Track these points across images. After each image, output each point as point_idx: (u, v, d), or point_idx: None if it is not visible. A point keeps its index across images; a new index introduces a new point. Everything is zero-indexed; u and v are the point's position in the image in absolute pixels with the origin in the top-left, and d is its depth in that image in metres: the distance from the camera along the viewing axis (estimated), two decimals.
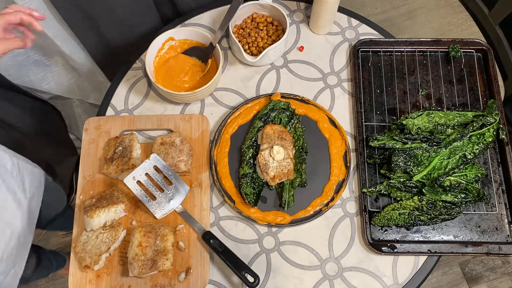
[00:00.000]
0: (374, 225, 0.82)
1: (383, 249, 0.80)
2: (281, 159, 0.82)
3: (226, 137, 0.88)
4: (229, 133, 0.89)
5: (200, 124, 0.89)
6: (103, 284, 0.78)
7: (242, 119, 0.90)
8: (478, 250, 0.80)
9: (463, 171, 0.83)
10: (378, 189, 0.83)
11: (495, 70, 0.94)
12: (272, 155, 0.82)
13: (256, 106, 0.91)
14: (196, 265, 0.79)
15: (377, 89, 0.93)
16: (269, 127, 0.86)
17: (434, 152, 0.83)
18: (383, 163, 0.86)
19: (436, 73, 0.95)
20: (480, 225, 0.82)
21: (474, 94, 0.93)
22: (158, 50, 0.91)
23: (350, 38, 1.00)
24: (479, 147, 0.84)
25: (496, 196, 0.85)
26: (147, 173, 0.81)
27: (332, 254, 0.81)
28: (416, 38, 0.96)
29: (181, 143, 0.84)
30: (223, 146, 0.87)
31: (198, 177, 0.85)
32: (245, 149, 0.86)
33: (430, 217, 0.80)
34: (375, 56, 0.96)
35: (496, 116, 0.85)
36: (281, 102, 0.89)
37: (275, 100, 0.89)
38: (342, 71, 0.96)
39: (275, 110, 0.89)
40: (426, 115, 0.87)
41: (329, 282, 0.79)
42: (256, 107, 0.91)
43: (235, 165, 0.87)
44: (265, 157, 0.83)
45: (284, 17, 0.92)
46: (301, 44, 0.99)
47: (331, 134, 0.89)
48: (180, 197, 0.82)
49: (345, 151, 0.88)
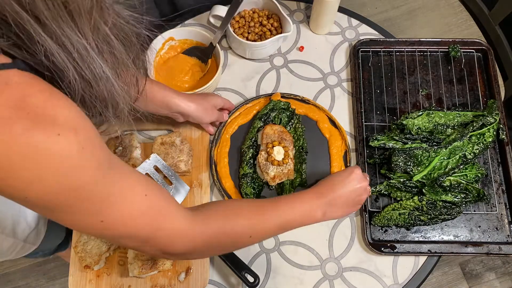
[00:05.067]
0: (374, 225, 0.82)
1: (383, 249, 0.80)
2: (281, 159, 0.82)
3: (226, 137, 0.88)
4: (229, 133, 0.88)
5: None
6: (103, 284, 0.78)
7: (242, 119, 0.90)
8: (478, 250, 0.80)
9: (463, 171, 0.83)
10: (378, 189, 0.83)
11: (495, 70, 0.94)
12: (273, 155, 0.82)
13: (256, 106, 0.91)
14: (196, 265, 0.78)
15: (377, 89, 0.93)
16: (269, 127, 0.85)
17: (434, 152, 0.83)
18: (383, 163, 0.86)
19: (436, 73, 0.95)
20: (480, 225, 0.82)
21: (474, 94, 0.93)
22: (158, 50, 0.91)
23: (350, 38, 1.00)
24: (479, 147, 0.84)
25: (496, 196, 0.85)
26: (147, 173, 0.81)
27: (332, 254, 0.81)
28: (416, 38, 0.96)
29: (181, 143, 0.84)
30: (223, 146, 0.87)
31: (198, 177, 0.85)
32: (245, 149, 0.86)
33: (430, 217, 0.80)
34: (375, 56, 0.96)
35: (496, 116, 0.85)
36: (281, 102, 0.89)
37: (275, 100, 0.89)
38: (342, 71, 0.96)
39: (275, 110, 0.89)
40: (426, 115, 0.87)
41: (329, 282, 0.79)
42: (256, 107, 0.91)
43: (235, 165, 0.87)
44: (265, 157, 0.83)
45: (284, 16, 0.92)
46: (301, 44, 0.99)
47: (331, 134, 0.89)
48: (180, 197, 0.82)
49: (345, 151, 0.88)
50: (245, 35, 0.95)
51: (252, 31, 0.94)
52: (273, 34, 0.94)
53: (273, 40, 0.90)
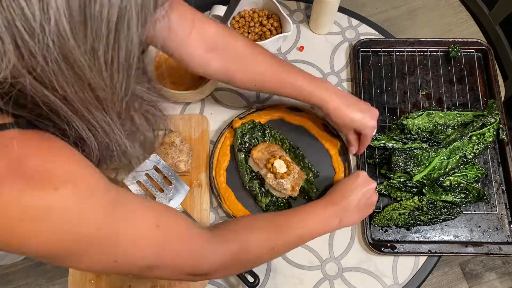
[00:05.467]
0: (374, 225, 0.82)
1: (383, 249, 0.80)
2: (286, 169, 0.81)
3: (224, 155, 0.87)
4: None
5: (200, 124, 0.89)
6: (103, 284, 0.78)
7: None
8: (478, 250, 0.80)
9: (463, 171, 0.82)
10: (378, 189, 0.83)
11: (495, 70, 0.94)
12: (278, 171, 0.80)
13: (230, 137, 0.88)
14: None
15: (377, 89, 0.93)
16: (255, 152, 0.83)
17: (434, 152, 0.83)
18: (383, 163, 0.86)
19: (436, 73, 0.95)
20: (480, 225, 0.82)
21: (474, 94, 0.93)
22: (158, 49, 0.91)
23: (350, 38, 1.00)
24: (479, 147, 0.84)
25: (496, 196, 0.84)
26: (147, 173, 0.80)
27: (332, 254, 0.81)
28: (416, 38, 0.96)
29: (181, 143, 0.84)
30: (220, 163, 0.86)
31: (198, 177, 0.85)
32: (249, 185, 0.83)
33: (430, 217, 0.80)
34: (375, 56, 0.96)
35: (496, 116, 0.85)
36: (245, 124, 0.86)
37: (238, 126, 0.86)
38: (342, 71, 0.96)
39: (246, 134, 0.86)
40: (426, 115, 0.87)
41: (329, 282, 0.79)
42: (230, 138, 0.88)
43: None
44: (272, 177, 0.81)
45: (284, 16, 0.91)
46: (301, 44, 0.99)
47: (301, 122, 0.89)
48: (180, 197, 0.82)
49: (324, 124, 0.87)
50: (245, 35, 0.94)
51: (252, 31, 0.94)
52: (273, 34, 0.94)
53: (273, 40, 0.90)
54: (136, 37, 0.34)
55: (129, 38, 0.33)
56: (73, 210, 0.37)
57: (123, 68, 0.35)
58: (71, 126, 0.38)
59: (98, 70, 0.33)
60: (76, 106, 0.36)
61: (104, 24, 0.31)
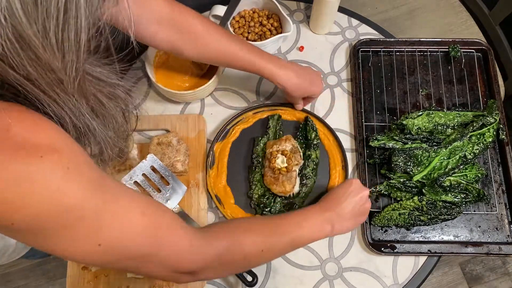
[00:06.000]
0: (374, 225, 0.81)
1: (383, 249, 0.79)
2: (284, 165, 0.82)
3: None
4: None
5: (197, 124, 0.89)
6: (101, 285, 0.77)
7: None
8: (478, 250, 0.80)
9: (463, 171, 0.82)
10: (378, 189, 0.83)
11: (495, 70, 0.93)
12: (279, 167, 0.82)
13: (258, 116, 0.90)
14: None
15: (377, 89, 0.93)
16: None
17: (434, 152, 0.83)
18: (383, 163, 0.86)
19: (436, 73, 0.95)
20: (480, 225, 0.82)
21: (474, 94, 0.93)
22: (158, 49, 0.91)
23: (350, 38, 1.00)
24: (479, 147, 0.83)
25: (496, 196, 0.84)
26: (144, 173, 0.80)
27: (332, 254, 0.81)
28: (416, 38, 0.96)
29: (178, 143, 0.84)
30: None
31: (195, 176, 0.85)
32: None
33: (430, 217, 0.80)
34: (375, 56, 0.96)
35: (496, 116, 0.85)
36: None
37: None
38: (342, 71, 0.96)
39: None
40: (426, 115, 0.87)
41: (329, 283, 0.79)
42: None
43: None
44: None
45: (284, 16, 0.91)
46: (301, 44, 0.99)
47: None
48: (178, 197, 0.81)
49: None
50: (245, 35, 0.94)
51: (252, 31, 0.94)
52: (273, 34, 0.94)
53: (273, 40, 0.90)
54: (84, 18, 0.34)
55: (78, 18, 0.34)
56: (58, 178, 0.37)
57: (73, 49, 0.36)
58: (44, 106, 0.39)
59: (50, 50, 0.34)
60: (42, 87, 0.37)
61: (53, 4, 0.32)
